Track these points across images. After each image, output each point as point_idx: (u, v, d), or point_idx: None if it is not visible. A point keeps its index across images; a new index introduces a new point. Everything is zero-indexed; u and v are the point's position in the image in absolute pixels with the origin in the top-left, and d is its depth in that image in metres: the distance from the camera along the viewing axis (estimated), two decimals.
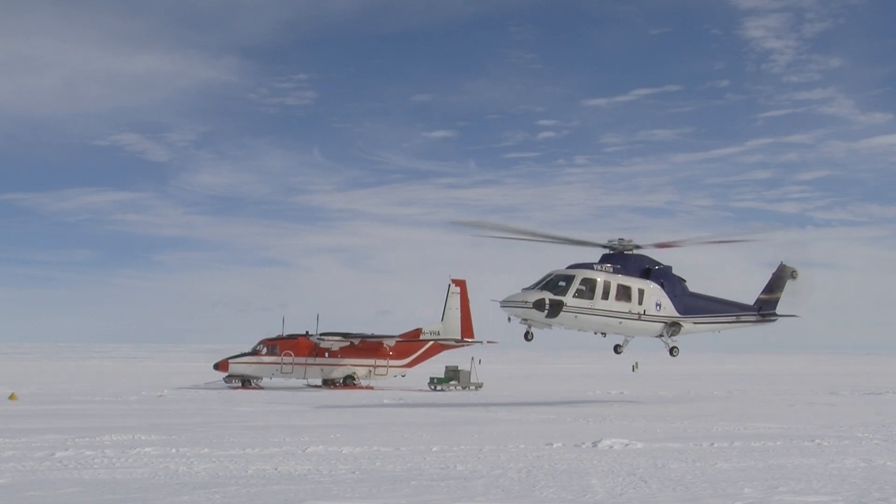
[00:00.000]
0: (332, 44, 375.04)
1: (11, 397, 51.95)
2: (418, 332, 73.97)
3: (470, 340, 75.30)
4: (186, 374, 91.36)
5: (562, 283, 43.17)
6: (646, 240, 47.34)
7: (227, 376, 67.96)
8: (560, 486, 21.48)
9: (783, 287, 52.22)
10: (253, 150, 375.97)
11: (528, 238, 47.01)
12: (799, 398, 60.91)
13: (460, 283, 75.59)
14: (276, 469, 24.14)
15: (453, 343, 74.97)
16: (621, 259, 46.20)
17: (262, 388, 67.40)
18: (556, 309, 42.27)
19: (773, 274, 52.55)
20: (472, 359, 72.43)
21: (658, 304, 46.45)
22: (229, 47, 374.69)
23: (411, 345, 73.01)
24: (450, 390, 67.55)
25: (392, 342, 71.55)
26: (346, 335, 69.92)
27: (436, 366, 73.78)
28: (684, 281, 48.98)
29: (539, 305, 42.04)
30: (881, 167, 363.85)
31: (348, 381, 69.90)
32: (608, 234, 47.41)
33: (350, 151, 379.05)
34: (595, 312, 43.84)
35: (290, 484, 21.68)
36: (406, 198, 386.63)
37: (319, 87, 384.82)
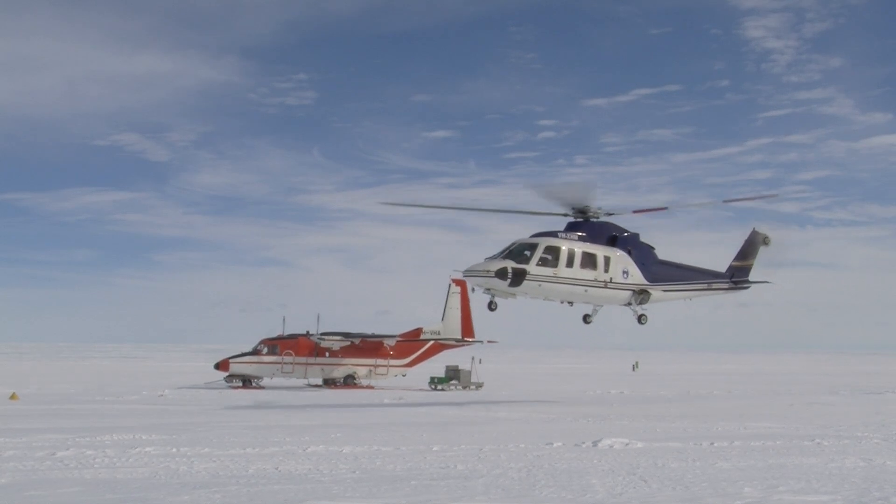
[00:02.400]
0: (332, 44, 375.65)
1: (12, 397, 51.98)
2: (419, 331, 73.98)
3: (470, 340, 75.30)
4: (187, 373, 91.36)
5: (525, 252, 42.47)
6: (617, 207, 46.61)
7: (228, 376, 67.98)
8: (560, 486, 21.49)
9: (756, 253, 51.42)
10: (253, 150, 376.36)
11: (489, 210, 46.87)
12: (799, 398, 60.91)
13: (461, 283, 75.42)
14: (276, 469, 24.15)
15: (454, 343, 74.97)
16: (587, 227, 45.38)
17: (262, 387, 67.43)
18: (519, 278, 41.56)
19: (746, 240, 51.73)
20: (473, 358, 72.46)
21: (625, 272, 45.70)
22: (229, 47, 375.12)
23: (412, 344, 73.02)
24: (450, 390, 67.57)
25: (392, 342, 71.55)
26: (346, 335, 69.92)
27: (436, 365, 73.80)
28: (653, 248, 48.33)
29: (502, 274, 41.30)
30: (881, 167, 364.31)
31: (349, 381, 69.92)
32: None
33: (350, 151, 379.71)
34: (559, 281, 43.12)
35: (291, 483, 21.69)
36: (406, 198, 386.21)
37: (319, 87, 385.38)
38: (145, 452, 27.25)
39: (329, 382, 70.08)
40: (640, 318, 47.06)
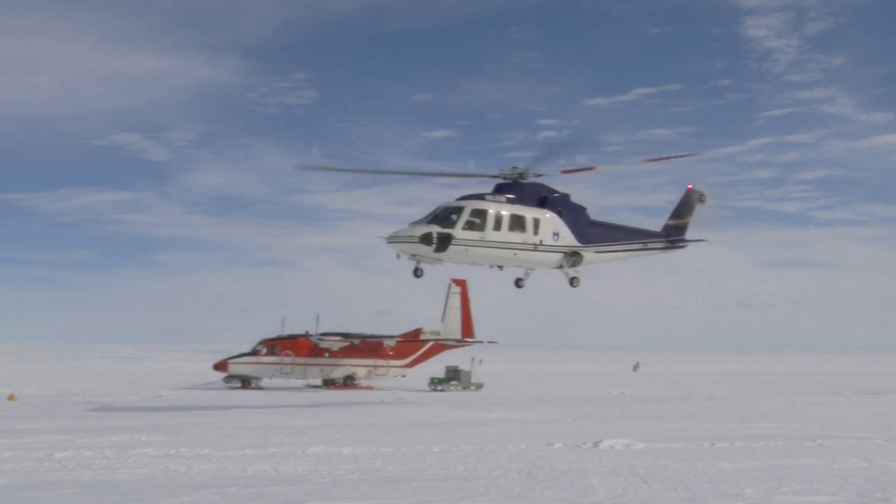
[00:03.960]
0: (332, 44, 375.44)
1: (11, 398, 51.91)
2: (418, 332, 73.91)
3: (470, 340, 75.25)
4: (186, 374, 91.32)
5: (451, 216, 41.16)
6: (545, 168, 44.64)
7: (227, 377, 67.88)
8: (561, 487, 21.40)
9: (692, 211, 49.80)
10: (252, 149, 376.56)
11: (409, 174, 44.95)
12: (800, 398, 60.85)
13: (461, 284, 75.52)
14: (276, 469, 24.07)
15: (454, 343, 74.91)
16: (516, 188, 43.92)
17: (262, 388, 67.33)
18: (444, 243, 40.34)
19: (681, 199, 50.26)
20: (473, 359, 72.34)
21: (555, 234, 44.29)
22: (229, 47, 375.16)
23: (412, 345, 72.95)
24: (450, 390, 67.47)
25: (392, 342, 71.47)
26: (346, 335, 69.82)
27: (436, 366, 73.73)
28: (585, 209, 46.65)
29: (426, 239, 40.02)
30: (882, 166, 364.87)
31: (348, 382, 69.80)
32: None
33: (350, 151, 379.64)
34: (487, 244, 41.83)
35: (290, 484, 21.61)
36: (406, 197, 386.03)
37: (319, 87, 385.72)
38: (144, 453, 27.17)
39: (328, 383, 69.98)
40: (572, 281, 45.95)
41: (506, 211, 42.52)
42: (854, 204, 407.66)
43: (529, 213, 43.43)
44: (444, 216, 41.17)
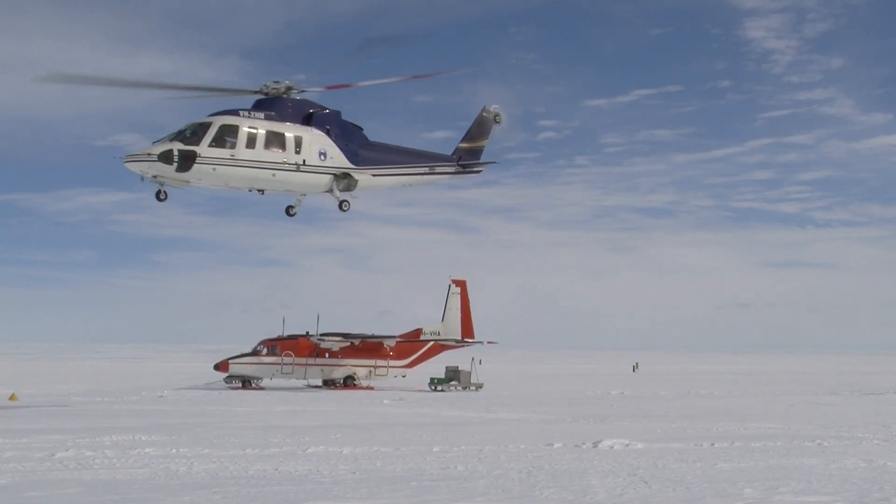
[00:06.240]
0: (332, 45, 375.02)
1: (12, 398, 51.94)
2: (419, 332, 73.91)
3: (470, 341, 75.25)
4: (187, 374, 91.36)
5: (197, 132, 37.79)
6: (306, 82, 41.35)
7: (228, 377, 67.89)
8: (560, 487, 21.47)
9: (487, 133, 47.02)
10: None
11: (158, 88, 40.17)
12: (799, 398, 60.89)
13: (461, 284, 75.57)
14: (276, 469, 24.13)
15: (454, 343, 74.91)
16: (277, 104, 40.46)
17: (262, 388, 67.37)
18: (187, 161, 36.93)
19: (475, 120, 47.23)
20: (473, 359, 72.33)
21: (322, 153, 40.82)
22: (230, 48, 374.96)
23: (412, 345, 72.96)
24: (450, 391, 67.49)
25: (392, 342, 71.48)
26: (346, 336, 69.84)
27: (436, 366, 73.75)
28: (360, 129, 43.23)
29: (166, 157, 36.56)
30: (882, 167, 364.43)
31: (349, 382, 69.81)
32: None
33: None
34: (239, 164, 38.42)
35: (291, 484, 21.67)
36: (406, 198, 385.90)
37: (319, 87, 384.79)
38: (145, 453, 27.24)
39: (329, 383, 70.01)
40: (342, 205, 42.19)
41: (262, 128, 39.23)
42: (853, 205, 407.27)
43: (291, 130, 40.09)
44: (190, 133, 37.87)
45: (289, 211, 43.25)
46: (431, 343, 73.70)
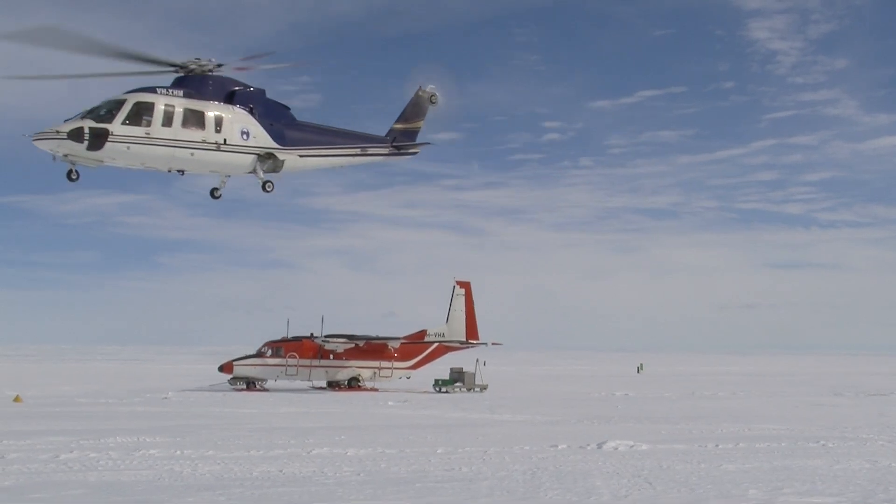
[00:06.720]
0: (336, 46, 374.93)
1: (16, 399, 52.00)
2: (423, 333, 73.88)
3: (475, 342, 75.19)
4: (191, 376, 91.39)
5: (110, 110, 36.59)
6: (229, 59, 40.14)
7: (232, 378, 67.90)
8: (565, 488, 21.47)
9: (423, 114, 46.43)
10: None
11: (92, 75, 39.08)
12: (804, 399, 60.85)
13: (465, 285, 75.56)
14: (281, 471, 24.15)
15: (458, 345, 74.88)
16: (197, 81, 38.97)
17: (266, 389, 67.39)
18: (99, 139, 35.65)
19: (410, 100, 46.77)
20: (477, 360, 72.29)
21: (245, 133, 39.45)
22: (233, 50, 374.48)
23: (416, 346, 72.94)
24: (454, 392, 67.48)
25: (397, 344, 71.44)
26: (350, 337, 69.80)
27: (441, 367, 73.77)
28: (287, 108, 42.02)
29: (76, 136, 35.38)
30: (886, 168, 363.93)
31: (353, 383, 69.79)
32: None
33: None
34: (154, 142, 36.91)
35: (295, 486, 21.69)
36: (411, 200, 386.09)
37: (324, 90, 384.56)
38: (149, 455, 27.26)
39: (333, 385, 70.01)
40: (265, 186, 40.78)
41: (180, 105, 37.82)
42: (857, 205, 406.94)
43: (211, 108, 38.75)
44: (101, 110, 36.71)
45: (213, 193, 41.90)
46: (436, 344, 73.69)
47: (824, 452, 29.34)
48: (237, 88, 39.91)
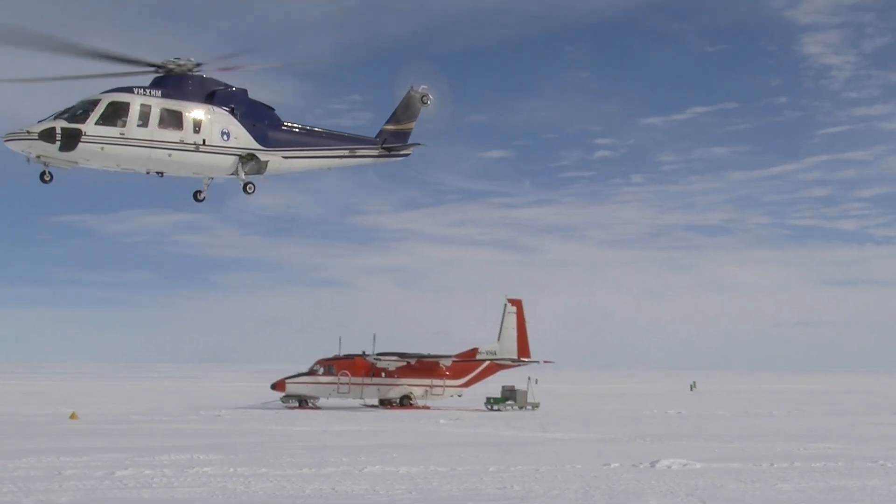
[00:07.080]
0: (387, 66, 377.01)
1: (72, 416, 52.61)
2: (474, 351, 73.81)
3: (526, 360, 74.99)
4: (244, 393, 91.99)
5: (83, 110, 35.57)
6: (208, 57, 38.66)
7: (285, 396, 68.25)
8: None
9: (415, 115, 44.69)
10: (309, 171, 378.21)
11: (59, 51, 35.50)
12: (861, 418, 60.02)
13: (516, 303, 75.44)
14: (333, 489, 24.20)
15: (510, 363, 74.73)
16: (175, 81, 38.02)
17: (319, 407, 67.64)
18: (72, 140, 34.70)
19: (402, 100, 45.19)
20: (529, 378, 72.13)
21: (225, 133, 38.44)
22: (286, 69, 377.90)
23: (468, 364, 72.87)
24: (506, 410, 67.38)
25: (448, 362, 71.43)
26: (402, 355, 69.94)
27: (492, 385, 73.66)
28: (271, 109, 41.06)
29: (48, 136, 34.36)
30: None
31: (405, 401, 69.89)
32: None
33: (405, 172, 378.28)
34: (130, 143, 36.01)
35: None
36: (461, 218, 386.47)
37: (374, 109, 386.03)
38: (203, 472, 27.44)
39: (385, 403, 70.11)
40: (246, 187, 39.67)
41: (157, 105, 36.85)
42: None
43: (189, 108, 37.76)
44: (76, 110, 35.62)
45: (196, 196, 40.77)
46: (487, 362, 73.60)
47: (883, 472, 28.90)
48: (218, 88, 38.99)
